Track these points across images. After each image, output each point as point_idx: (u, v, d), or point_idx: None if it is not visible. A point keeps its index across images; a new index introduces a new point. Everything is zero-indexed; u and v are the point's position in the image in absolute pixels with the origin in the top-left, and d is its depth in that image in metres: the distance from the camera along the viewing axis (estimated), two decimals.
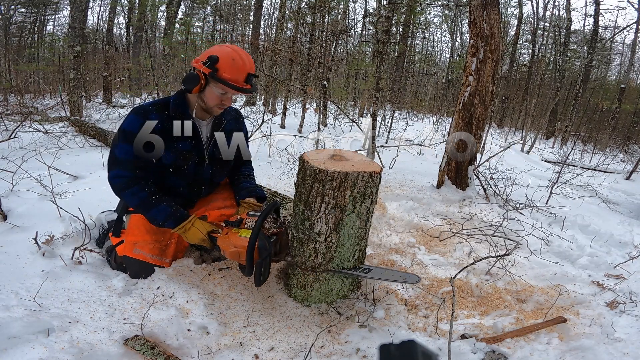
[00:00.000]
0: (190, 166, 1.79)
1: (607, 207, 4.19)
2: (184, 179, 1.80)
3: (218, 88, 1.66)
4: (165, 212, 1.66)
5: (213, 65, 1.61)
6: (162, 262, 1.79)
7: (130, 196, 1.68)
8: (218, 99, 1.69)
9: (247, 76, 1.66)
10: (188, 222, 1.66)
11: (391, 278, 1.56)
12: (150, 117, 1.68)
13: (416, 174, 4.19)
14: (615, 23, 19.08)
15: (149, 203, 1.66)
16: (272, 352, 1.45)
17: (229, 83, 1.61)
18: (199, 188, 1.88)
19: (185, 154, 1.76)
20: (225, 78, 1.61)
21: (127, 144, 1.66)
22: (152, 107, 1.71)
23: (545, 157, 8.17)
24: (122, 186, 1.69)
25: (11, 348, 1.30)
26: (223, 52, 1.63)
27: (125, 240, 1.79)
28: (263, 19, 19.57)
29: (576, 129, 13.87)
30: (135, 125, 1.66)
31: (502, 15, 4.59)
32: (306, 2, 10.78)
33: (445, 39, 24.71)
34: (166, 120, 1.70)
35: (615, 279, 2.18)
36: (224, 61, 1.61)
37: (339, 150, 1.71)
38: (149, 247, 1.76)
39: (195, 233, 1.66)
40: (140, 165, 1.70)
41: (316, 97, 9.17)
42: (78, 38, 6.34)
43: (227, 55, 1.62)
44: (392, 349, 0.38)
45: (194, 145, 1.78)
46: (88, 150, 4.23)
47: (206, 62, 1.61)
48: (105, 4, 17.23)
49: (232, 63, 1.62)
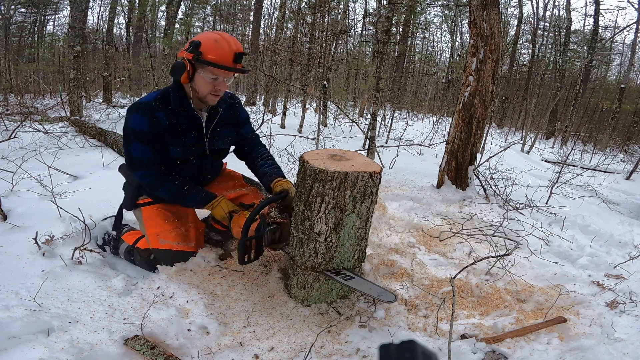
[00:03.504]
0: (196, 158, 1.83)
1: (607, 207, 4.19)
2: (189, 171, 1.86)
3: (207, 72, 1.63)
4: (197, 198, 1.77)
5: (196, 49, 1.59)
6: (189, 247, 1.86)
7: (165, 192, 1.76)
8: (210, 85, 1.66)
9: (235, 55, 1.62)
10: (216, 201, 1.78)
11: (367, 292, 1.50)
12: (156, 114, 1.67)
13: (416, 174, 4.19)
14: (615, 23, 19.11)
15: (183, 194, 1.75)
16: (272, 352, 1.45)
17: (216, 64, 1.58)
18: (204, 177, 1.97)
19: (192, 147, 1.79)
20: (210, 59, 1.59)
21: (141, 143, 1.68)
22: (156, 104, 1.69)
23: (545, 157, 8.17)
24: (155, 185, 1.75)
25: (11, 348, 1.30)
26: (205, 36, 1.63)
27: (148, 234, 1.83)
28: (263, 19, 19.57)
29: (576, 129, 13.88)
30: (145, 124, 1.66)
31: (502, 15, 4.58)
32: (306, 2, 10.79)
33: (445, 39, 24.76)
34: (171, 116, 1.71)
35: (615, 279, 2.18)
36: (207, 43, 1.59)
37: (339, 150, 1.71)
38: (171, 236, 1.82)
39: (219, 210, 1.76)
40: (161, 160, 1.74)
41: (316, 97, 9.17)
42: (78, 38, 6.34)
43: (209, 38, 1.61)
44: (392, 349, 0.38)
45: (198, 138, 1.80)
46: (88, 150, 4.23)
47: (188, 48, 1.61)
48: (105, 4, 17.25)
49: (215, 44, 1.59)
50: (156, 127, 1.67)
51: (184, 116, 1.74)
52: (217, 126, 1.87)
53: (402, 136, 6.80)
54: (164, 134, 1.70)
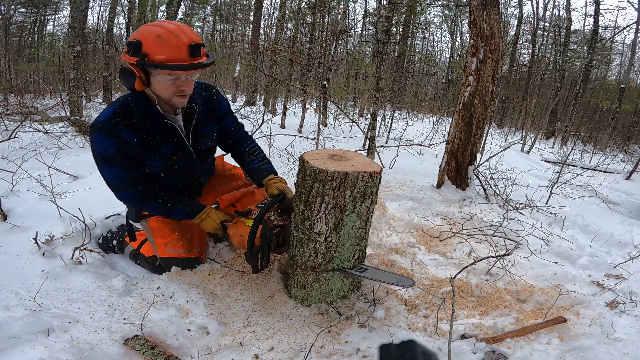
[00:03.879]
0: (181, 165, 1.68)
1: (607, 207, 4.19)
2: (178, 178, 1.74)
3: (163, 75, 1.38)
4: (184, 212, 1.69)
5: (138, 51, 1.33)
6: (194, 254, 1.86)
7: (150, 209, 1.72)
8: (172, 87, 1.43)
9: (189, 48, 1.35)
10: (204, 213, 1.69)
11: (385, 280, 1.56)
12: (120, 133, 1.46)
13: (416, 174, 4.19)
14: (615, 23, 19.11)
15: (167, 210, 1.67)
16: (272, 352, 1.45)
17: (167, 65, 1.33)
18: (197, 181, 1.86)
19: (172, 156, 1.62)
20: (160, 60, 1.33)
21: (111, 167, 1.54)
22: (116, 121, 1.46)
23: (545, 157, 8.17)
24: (139, 204, 1.71)
25: (11, 348, 1.30)
26: (144, 32, 1.36)
27: (156, 243, 1.82)
28: (263, 19, 19.56)
29: (576, 129, 13.89)
30: (109, 147, 1.47)
31: (502, 15, 4.59)
32: (306, 2, 10.78)
33: (445, 39, 24.75)
34: (138, 131, 1.50)
35: (615, 279, 2.18)
36: (149, 42, 1.33)
37: (339, 150, 1.71)
38: (179, 245, 1.82)
39: (209, 222, 1.69)
40: (139, 180, 1.61)
41: (316, 97, 9.17)
42: (78, 38, 6.33)
43: (149, 34, 1.34)
44: (392, 349, 0.38)
45: (177, 145, 1.62)
46: (88, 150, 4.20)
47: (129, 51, 1.35)
48: (105, 4, 17.23)
49: (159, 41, 1.33)
50: (123, 148, 1.48)
51: (153, 127, 1.53)
52: (197, 125, 1.67)
53: (402, 136, 6.80)
54: (134, 153, 1.52)
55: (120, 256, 2.03)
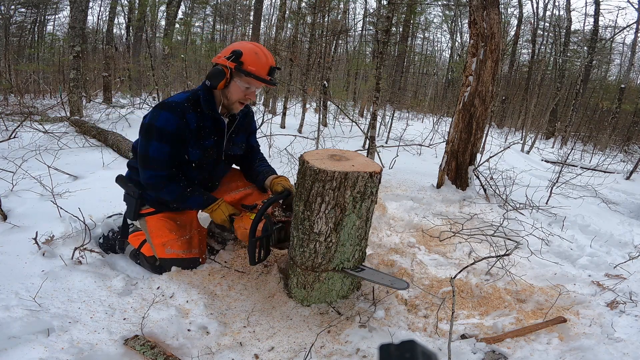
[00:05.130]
0: (209, 163, 1.86)
1: (607, 207, 4.19)
2: (201, 174, 1.87)
3: (243, 82, 1.70)
4: (199, 200, 1.80)
5: (237, 59, 1.66)
6: (194, 254, 1.89)
7: (168, 193, 1.77)
8: (242, 94, 1.73)
9: (269, 69, 1.71)
10: (216, 204, 1.81)
11: (380, 281, 1.56)
12: (187, 115, 1.70)
13: (416, 174, 4.19)
14: (615, 23, 19.12)
15: (185, 196, 1.77)
16: (272, 352, 1.45)
17: (255, 75, 1.66)
18: (212, 183, 1.99)
19: (209, 150, 1.82)
20: (251, 70, 1.66)
21: (162, 143, 1.68)
22: (188, 105, 1.72)
23: (545, 157, 8.17)
24: (159, 186, 1.75)
25: (11, 348, 1.30)
26: (246, 47, 1.69)
27: (154, 243, 1.85)
28: (263, 19, 19.57)
29: (576, 129, 13.89)
30: (172, 124, 1.67)
31: (502, 15, 4.59)
32: (306, 2, 10.79)
33: (445, 39, 24.77)
34: (200, 118, 1.74)
35: (615, 279, 2.18)
36: (248, 55, 1.66)
37: (339, 150, 1.72)
38: (177, 245, 1.85)
39: (219, 214, 1.79)
40: (175, 162, 1.75)
41: (316, 97, 9.17)
42: (78, 38, 6.34)
43: (250, 49, 1.68)
44: (392, 349, 0.38)
45: (216, 143, 1.84)
46: (88, 150, 4.23)
47: (230, 57, 1.66)
48: (105, 4, 17.24)
49: (256, 57, 1.67)
50: (183, 129, 1.70)
51: (210, 120, 1.78)
52: (233, 132, 1.91)
53: (402, 136, 6.80)
54: (188, 136, 1.72)
55: (120, 256, 2.03)
